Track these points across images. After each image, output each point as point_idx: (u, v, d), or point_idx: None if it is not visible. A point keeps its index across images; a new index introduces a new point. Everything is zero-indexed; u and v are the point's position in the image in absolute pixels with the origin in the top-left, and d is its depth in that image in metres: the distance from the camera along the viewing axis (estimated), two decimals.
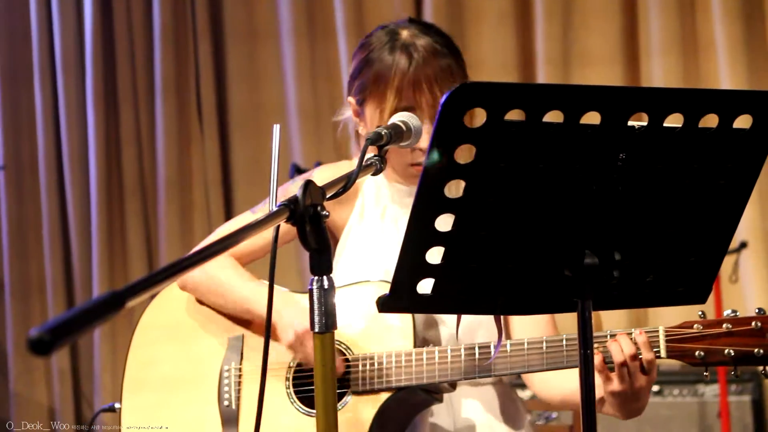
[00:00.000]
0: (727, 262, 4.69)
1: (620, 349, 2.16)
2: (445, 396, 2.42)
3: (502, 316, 2.17)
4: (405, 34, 2.46)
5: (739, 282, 4.76)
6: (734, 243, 4.63)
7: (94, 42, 5.53)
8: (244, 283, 2.51)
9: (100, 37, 5.56)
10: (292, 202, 1.59)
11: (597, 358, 2.18)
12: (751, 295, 4.71)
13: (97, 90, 5.53)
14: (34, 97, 5.64)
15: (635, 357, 2.16)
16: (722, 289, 4.59)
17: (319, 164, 4.52)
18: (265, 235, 2.53)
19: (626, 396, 2.19)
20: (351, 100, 2.51)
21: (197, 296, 2.59)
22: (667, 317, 4.88)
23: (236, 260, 2.58)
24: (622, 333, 2.20)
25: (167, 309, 2.61)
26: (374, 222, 2.54)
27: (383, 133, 1.98)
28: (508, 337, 2.54)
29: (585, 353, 1.80)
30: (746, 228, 4.69)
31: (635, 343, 2.18)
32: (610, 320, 4.24)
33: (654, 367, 2.18)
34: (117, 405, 2.61)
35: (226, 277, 2.54)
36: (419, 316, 2.40)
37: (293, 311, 2.39)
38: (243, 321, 2.54)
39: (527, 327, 2.47)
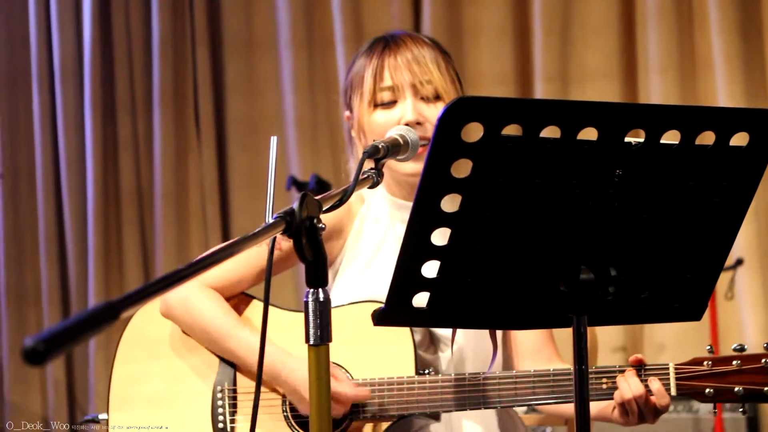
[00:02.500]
0: (723, 279, 4.69)
1: (628, 387, 2.16)
2: (443, 415, 2.41)
3: (498, 330, 2.17)
4: (388, 35, 2.49)
5: (734, 299, 4.76)
6: (730, 260, 4.63)
7: (92, 50, 5.53)
8: (234, 335, 2.42)
9: (99, 46, 5.56)
10: (289, 214, 1.59)
11: (617, 395, 2.19)
12: (747, 313, 4.71)
13: (95, 98, 5.53)
14: (32, 105, 5.64)
15: (642, 396, 2.16)
16: (718, 306, 4.60)
17: (315, 176, 4.53)
18: (257, 264, 2.51)
19: (636, 424, 2.20)
20: (346, 113, 2.53)
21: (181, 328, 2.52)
22: (662, 333, 4.89)
23: (237, 284, 2.49)
24: (631, 370, 2.20)
25: (151, 324, 2.52)
26: (372, 243, 2.51)
27: (380, 146, 1.98)
28: (508, 348, 2.53)
29: (579, 369, 1.79)
30: (742, 245, 4.69)
31: (648, 388, 2.18)
32: (605, 336, 4.24)
33: (668, 408, 2.19)
34: (101, 416, 2.54)
35: (212, 322, 2.45)
36: (419, 338, 2.38)
37: (295, 372, 2.33)
38: None
39: (526, 336, 2.47)
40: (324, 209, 1.68)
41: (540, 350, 2.48)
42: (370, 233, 2.52)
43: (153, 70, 5.54)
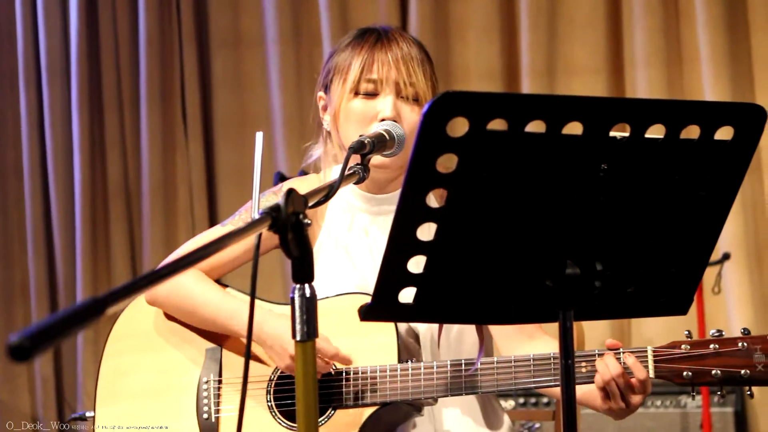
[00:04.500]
0: (710, 273, 4.69)
1: (606, 368, 2.16)
2: (426, 407, 2.41)
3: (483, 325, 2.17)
4: (380, 28, 2.50)
5: (721, 293, 4.77)
6: (717, 254, 4.64)
7: (79, 47, 5.52)
8: (222, 300, 2.47)
9: (86, 43, 5.54)
10: (274, 210, 1.59)
11: (597, 378, 2.19)
12: (734, 307, 4.72)
13: (82, 95, 5.52)
14: (19, 102, 5.63)
15: (621, 375, 2.16)
16: (705, 301, 4.60)
17: (303, 172, 4.52)
18: (243, 243, 2.52)
19: (621, 411, 2.20)
20: (320, 93, 2.53)
21: (167, 311, 2.55)
22: (649, 328, 4.90)
23: (213, 270, 2.54)
24: (609, 353, 2.21)
25: (140, 318, 2.56)
26: (342, 234, 2.53)
27: (366, 141, 1.98)
28: (490, 338, 2.53)
29: (566, 363, 1.80)
30: (729, 239, 4.70)
31: (624, 365, 2.18)
32: (592, 331, 4.24)
33: (647, 385, 2.19)
34: (89, 414, 2.56)
35: (200, 293, 2.49)
36: (402, 329, 2.39)
37: (277, 322, 2.37)
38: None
39: (511, 329, 2.47)
40: (310, 205, 1.68)
41: (521, 327, 2.48)
42: (338, 224, 2.55)
43: (140, 66, 5.53)
